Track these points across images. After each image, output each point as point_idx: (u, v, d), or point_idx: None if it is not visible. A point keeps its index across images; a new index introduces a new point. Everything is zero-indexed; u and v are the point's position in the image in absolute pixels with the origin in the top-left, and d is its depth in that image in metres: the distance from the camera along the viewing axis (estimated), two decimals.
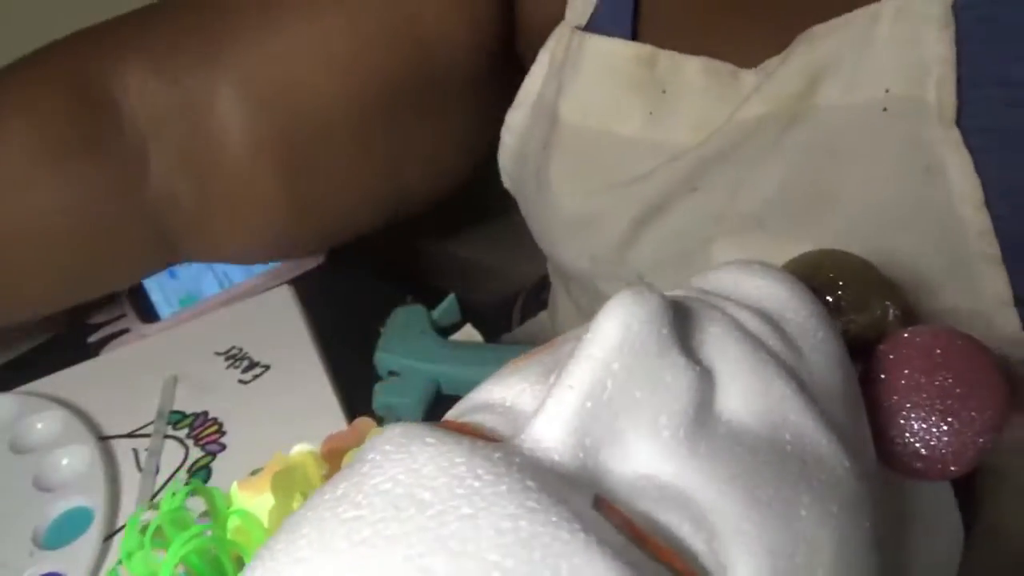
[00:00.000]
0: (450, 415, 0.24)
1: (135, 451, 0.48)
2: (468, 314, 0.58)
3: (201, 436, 0.49)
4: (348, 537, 0.17)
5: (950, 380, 0.26)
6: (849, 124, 0.37)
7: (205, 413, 0.50)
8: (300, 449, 0.35)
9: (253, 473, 0.34)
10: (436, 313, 0.57)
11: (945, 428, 0.25)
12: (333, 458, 0.34)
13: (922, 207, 0.36)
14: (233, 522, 0.32)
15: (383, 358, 0.53)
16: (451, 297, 0.58)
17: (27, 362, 0.59)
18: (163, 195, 0.44)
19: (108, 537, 0.44)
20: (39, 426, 0.50)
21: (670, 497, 0.19)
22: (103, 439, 0.49)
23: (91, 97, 0.40)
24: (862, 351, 0.28)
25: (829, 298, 0.28)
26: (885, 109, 0.35)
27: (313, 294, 0.59)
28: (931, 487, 0.29)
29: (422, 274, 0.88)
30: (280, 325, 0.56)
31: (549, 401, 0.20)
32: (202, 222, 0.47)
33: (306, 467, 0.33)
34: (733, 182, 0.40)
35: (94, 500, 0.45)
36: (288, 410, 0.49)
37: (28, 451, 0.49)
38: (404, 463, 0.19)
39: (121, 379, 0.54)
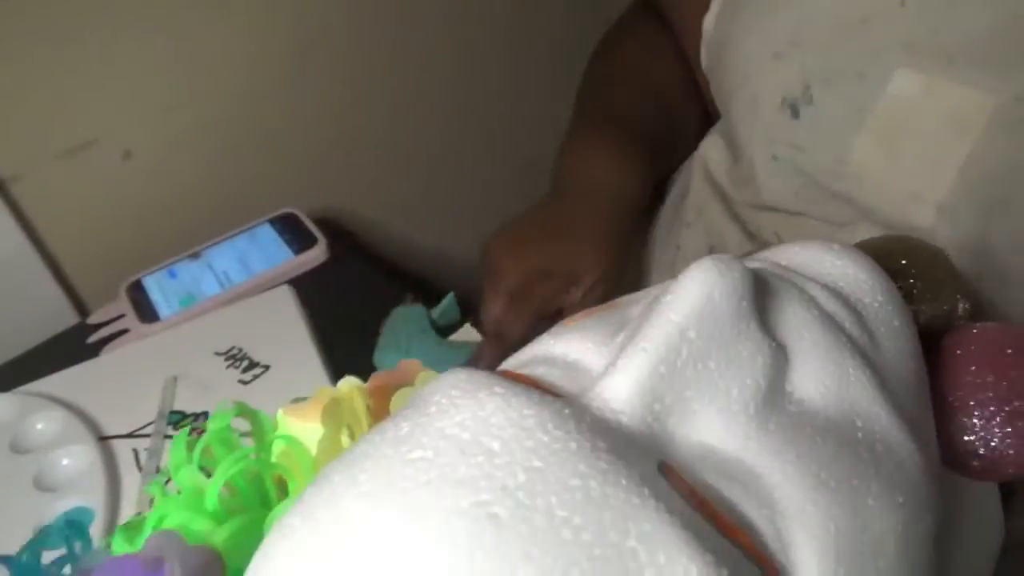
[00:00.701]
0: (508, 365, 0.24)
1: (135, 451, 0.48)
2: (468, 314, 0.58)
3: None
4: (413, 477, 0.17)
5: (1018, 380, 0.25)
6: None
7: (205, 413, 0.50)
8: (347, 382, 0.35)
9: (294, 401, 0.34)
10: (436, 313, 0.57)
11: (1009, 430, 0.24)
12: (379, 395, 0.33)
13: None
14: (278, 446, 0.32)
15: (383, 358, 0.53)
16: (450, 296, 0.58)
17: (27, 362, 0.59)
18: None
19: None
20: (39, 426, 0.50)
21: (735, 471, 0.19)
22: (103, 439, 0.49)
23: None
24: (927, 343, 0.27)
25: (900, 285, 0.27)
26: None
27: (313, 294, 0.59)
28: (980, 485, 0.28)
29: (422, 274, 0.88)
30: (280, 325, 0.56)
31: (621, 361, 0.19)
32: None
33: (353, 400, 0.33)
34: (943, 8, 0.39)
35: (94, 500, 0.45)
36: None
37: (28, 451, 0.49)
38: (471, 409, 0.18)
39: (121, 379, 0.54)
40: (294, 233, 0.66)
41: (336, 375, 0.51)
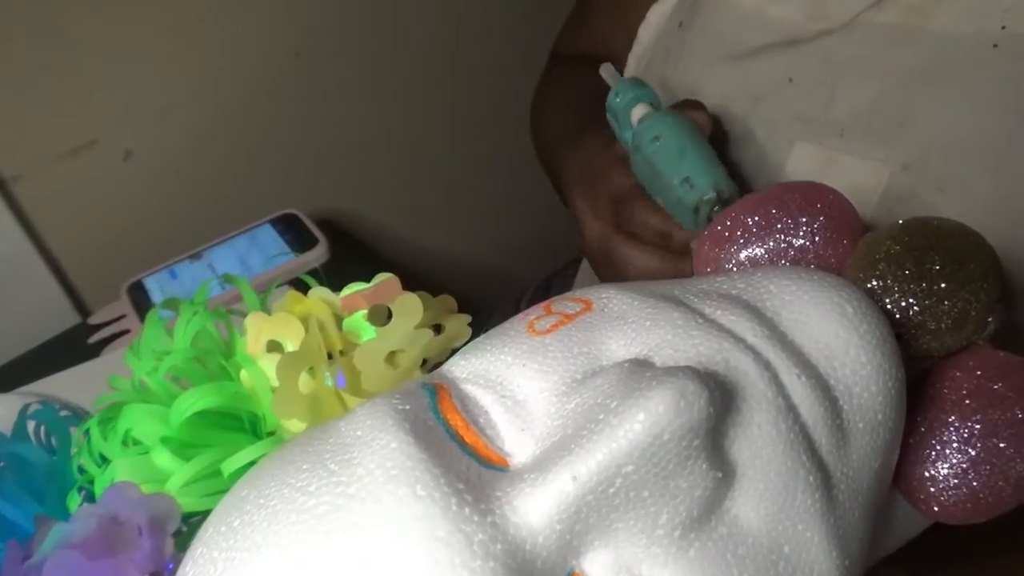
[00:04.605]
0: (464, 372, 0.23)
1: None
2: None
3: None
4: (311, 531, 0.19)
5: (999, 422, 0.23)
6: (955, 54, 0.37)
7: None
8: (317, 292, 0.35)
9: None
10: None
11: (974, 482, 0.23)
12: (352, 310, 0.34)
13: (1008, 148, 0.36)
14: (244, 375, 0.31)
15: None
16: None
17: (27, 362, 0.59)
18: None
19: None
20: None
21: None
22: None
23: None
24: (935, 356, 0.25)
25: (941, 276, 0.24)
26: (995, 45, 0.36)
27: None
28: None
29: (422, 274, 0.88)
30: None
31: (549, 486, 0.18)
32: None
33: (320, 318, 0.33)
34: (828, 84, 0.40)
35: None
36: None
37: None
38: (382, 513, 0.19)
39: None
40: (295, 234, 0.66)
41: None
